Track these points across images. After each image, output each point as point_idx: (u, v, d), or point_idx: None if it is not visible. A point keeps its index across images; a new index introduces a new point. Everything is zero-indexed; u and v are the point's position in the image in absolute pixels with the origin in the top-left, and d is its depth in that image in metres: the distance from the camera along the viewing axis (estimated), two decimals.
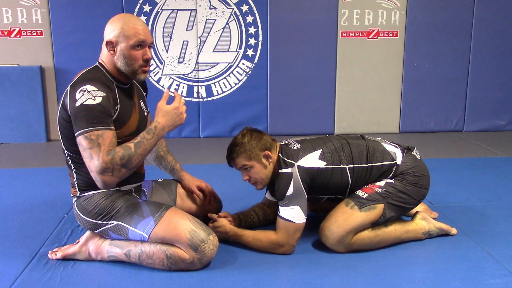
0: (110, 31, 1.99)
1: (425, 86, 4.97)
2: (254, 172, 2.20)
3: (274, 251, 2.22)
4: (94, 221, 2.08)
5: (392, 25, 4.84)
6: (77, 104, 1.85)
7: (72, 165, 2.08)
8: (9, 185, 3.32)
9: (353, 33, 4.83)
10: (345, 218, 2.19)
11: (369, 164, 2.26)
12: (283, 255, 2.22)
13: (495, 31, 4.89)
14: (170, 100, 2.07)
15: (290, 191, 2.13)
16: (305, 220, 2.18)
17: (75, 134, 1.88)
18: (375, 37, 4.85)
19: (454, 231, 2.43)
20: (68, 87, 1.95)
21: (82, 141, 1.86)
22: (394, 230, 2.30)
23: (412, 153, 2.37)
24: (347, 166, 2.24)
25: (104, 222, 2.07)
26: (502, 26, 4.88)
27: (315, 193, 2.25)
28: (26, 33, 4.58)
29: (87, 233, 2.17)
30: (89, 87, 1.87)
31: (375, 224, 2.24)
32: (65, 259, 2.17)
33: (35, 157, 4.16)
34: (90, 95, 1.86)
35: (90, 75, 1.97)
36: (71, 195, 2.17)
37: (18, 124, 4.62)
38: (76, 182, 2.12)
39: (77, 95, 1.86)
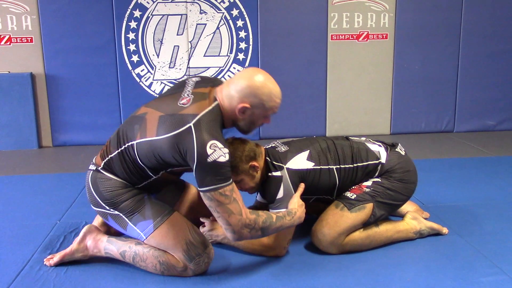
0: (250, 95, 1.94)
1: (415, 88, 5.01)
2: (244, 184, 2.19)
3: (266, 254, 2.23)
4: (99, 201, 2.06)
5: (382, 28, 4.87)
6: (209, 160, 1.81)
7: (133, 162, 1.99)
8: (1, 192, 3.30)
9: (343, 36, 4.85)
10: (335, 220, 2.20)
11: (355, 165, 2.27)
12: (275, 257, 2.23)
13: (484, 32, 4.93)
14: None
15: (280, 194, 2.14)
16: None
17: (203, 189, 1.86)
18: (365, 39, 4.88)
19: (445, 230, 2.45)
20: (192, 126, 1.84)
21: (216, 197, 1.85)
22: (386, 230, 2.31)
23: (396, 149, 2.38)
24: (334, 167, 2.25)
25: (107, 207, 2.06)
26: (490, 27, 4.93)
27: (304, 193, 2.24)
28: (16, 40, 4.57)
29: (84, 229, 2.18)
30: (219, 144, 1.83)
31: (366, 223, 2.25)
32: (59, 264, 2.16)
33: (26, 164, 4.14)
34: (221, 152, 1.82)
35: (213, 124, 1.89)
36: (92, 162, 2.13)
37: (9, 131, 4.60)
38: (113, 163, 2.04)
39: (209, 150, 1.81)
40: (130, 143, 1.99)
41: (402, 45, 4.91)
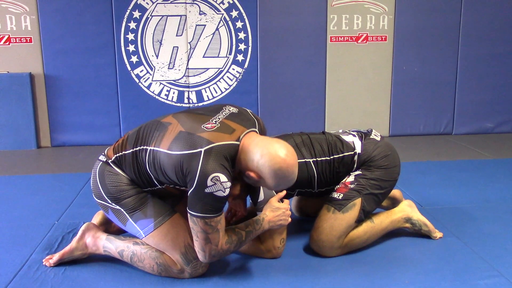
0: (266, 173, 1.87)
1: (414, 90, 5.01)
2: (232, 191, 2.17)
3: (262, 256, 2.24)
4: (103, 193, 2.05)
5: (381, 30, 4.88)
6: (207, 191, 1.80)
7: (143, 166, 1.99)
8: None
9: (342, 37, 4.86)
10: (330, 225, 2.21)
11: (331, 157, 2.27)
12: (273, 259, 2.23)
13: (482, 34, 4.94)
14: None
15: (261, 197, 2.15)
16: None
17: (191, 211, 1.86)
18: (364, 41, 4.89)
19: (439, 234, 2.44)
20: (203, 151, 1.82)
21: (201, 224, 1.86)
22: (380, 222, 2.33)
23: (371, 137, 2.37)
24: (310, 160, 2.25)
25: (109, 201, 2.05)
26: (489, 29, 4.94)
27: (285, 189, 2.22)
28: (16, 40, 4.57)
29: (83, 226, 2.19)
30: (222, 177, 1.80)
31: (359, 219, 2.25)
32: (57, 264, 2.16)
33: (25, 164, 4.14)
34: (221, 187, 1.81)
35: (223, 157, 1.85)
36: (103, 154, 2.11)
37: (8, 131, 4.60)
38: (124, 160, 2.02)
39: (209, 182, 1.79)
40: (144, 147, 1.98)
41: (401, 47, 4.91)
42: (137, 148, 2.00)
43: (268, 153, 1.86)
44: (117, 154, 2.05)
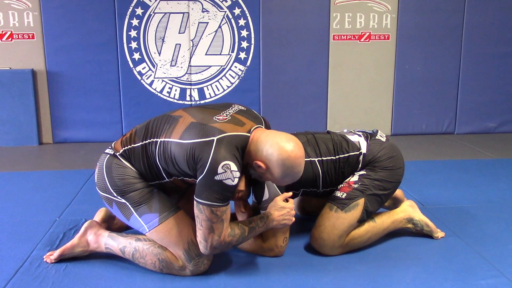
0: (272, 164, 1.90)
1: (416, 89, 5.00)
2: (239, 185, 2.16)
3: (264, 254, 2.24)
4: (109, 186, 2.05)
5: (384, 28, 4.87)
6: (217, 178, 1.82)
7: (152, 158, 1.99)
8: (1, 189, 3.30)
9: (345, 36, 4.85)
10: (332, 224, 2.20)
11: (337, 157, 2.27)
12: (275, 257, 2.23)
13: (486, 34, 4.93)
14: None
15: (266, 195, 2.15)
16: None
17: (198, 199, 1.87)
18: (367, 40, 4.88)
19: (440, 234, 2.44)
20: (215, 140, 1.85)
21: (206, 212, 1.86)
22: (382, 222, 2.32)
23: (377, 137, 2.37)
24: (316, 159, 2.25)
25: (115, 194, 2.05)
26: (492, 29, 4.93)
27: (290, 189, 2.22)
28: (18, 36, 4.57)
29: (86, 224, 2.19)
30: (232, 166, 1.82)
31: (361, 220, 2.25)
32: (58, 261, 2.16)
33: (26, 161, 4.14)
34: (231, 175, 1.82)
35: (235, 147, 1.88)
36: (110, 147, 2.11)
37: (10, 127, 4.60)
38: (133, 153, 2.03)
39: (219, 169, 1.81)
40: (154, 139, 2.00)
41: (404, 46, 4.90)
42: (147, 141, 2.01)
43: (277, 143, 1.89)
44: (126, 147, 2.06)
